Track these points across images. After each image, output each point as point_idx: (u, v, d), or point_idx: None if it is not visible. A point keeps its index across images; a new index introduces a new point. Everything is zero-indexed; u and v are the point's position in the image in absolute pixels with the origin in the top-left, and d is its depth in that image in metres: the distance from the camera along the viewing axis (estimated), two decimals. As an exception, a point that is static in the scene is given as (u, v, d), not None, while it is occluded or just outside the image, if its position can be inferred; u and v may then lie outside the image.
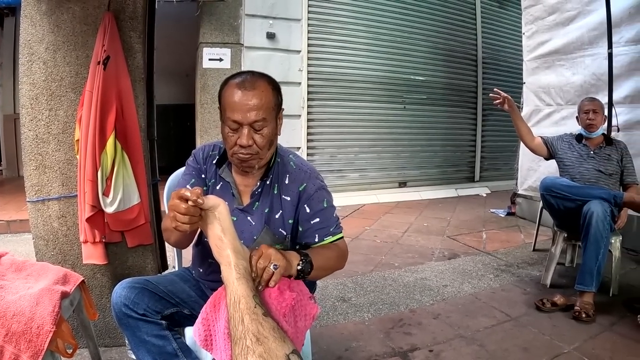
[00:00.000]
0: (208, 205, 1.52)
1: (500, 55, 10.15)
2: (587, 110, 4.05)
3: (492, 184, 9.96)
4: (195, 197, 1.48)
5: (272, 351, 1.17)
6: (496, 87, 4.01)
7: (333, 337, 3.15)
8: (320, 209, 1.97)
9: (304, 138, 7.94)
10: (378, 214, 7.32)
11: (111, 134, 2.58)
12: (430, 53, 9.13)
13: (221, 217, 1.54)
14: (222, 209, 1.55)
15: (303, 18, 7.73)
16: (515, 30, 9.70)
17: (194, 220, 1.52)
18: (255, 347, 1.17)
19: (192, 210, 1.49)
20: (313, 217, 1.96)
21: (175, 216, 1.50)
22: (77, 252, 2.80)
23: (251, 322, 1.24)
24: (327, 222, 1.98)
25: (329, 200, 2.01)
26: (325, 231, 1.97)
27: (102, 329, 2.92)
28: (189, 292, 2.06)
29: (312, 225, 1.96)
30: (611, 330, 3.25)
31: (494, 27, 10.04)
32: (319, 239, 1.96)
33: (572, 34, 5.65)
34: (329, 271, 1.97)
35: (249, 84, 1.79)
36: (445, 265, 4.72)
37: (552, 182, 3.90)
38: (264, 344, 1.18)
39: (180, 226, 1.50)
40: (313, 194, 1.97)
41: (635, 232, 5.03)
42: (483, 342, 3.09)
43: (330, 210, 2.01)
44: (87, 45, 2.70)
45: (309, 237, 1.97)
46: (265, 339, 1.20)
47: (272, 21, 7.41)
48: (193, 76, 7.69)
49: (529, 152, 6.19)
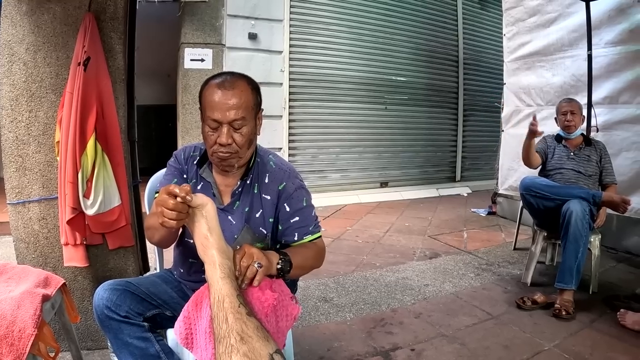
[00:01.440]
0: (196, 203, 1.52)
1: (481, 56, 10.24)
2: (565, 111, 4.10)
3: (473, 183, 10.04)
4: (184, 194, 1.48)
5: (257, 350, 1.18)
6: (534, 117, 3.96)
7: (315, 337, 3.16)
8: (300, 208, 2.00)
9: (286, 139, 7.94)
10: (359, 214, 7.34)
11: (91, 135, 2.55)
12: (411, 54, 9.18)
13: (208, 215, 1.54)
14: (210, 207, 1.55)
15: (285, 19, 7.73)
16: (496, 32, 9.82)
17: (182, 216, 1.51)
18: (240, 345, 1.17)
19: (180, 206, 1.49)
20: (293, 216, 1.98)
21: (162, 212, 1.50)
22: (58, 254, 2.78)
23: (235, 321, 1.24)
24: (307, 221, 2.01)
25: (308, 200, 2.05)
26: (305, 230, 2.00)
27: (84, 332, 2.90)
28: (170, 293, 2.06)
29: (291, 224, 1.98)
30: (591, 327, 3.29)
31: (475, 28, 10.12)
32: (298, 238, 1.98)
33: (553, 36, 5.71)
34: (308, 270, 2.00)
35: (229, 83, 1.82)
36: (426, 264, 4.75)
37: (531, 181, 3.93)
38: (248, 343, 1.19)
39: (167, 222, 1.50)
40: (293, 193, 2.00)
41: (615, 230, 5.11)
42: (464, 340, 3.11)
43: (310, 210, 2.04)
44: (68, 46, 2.68)
45: (288, 236, 1.99)
46: (249, 338, 1.20)
47: (254, 22, 7.41)
48: (174, 77, 7.66)
49: (509, 152, 6.30)
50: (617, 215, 4.35)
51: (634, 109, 4.76)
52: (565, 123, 4.09)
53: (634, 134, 4.72)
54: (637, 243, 4.93)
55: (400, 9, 8.91)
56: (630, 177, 4.70)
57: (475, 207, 7.82)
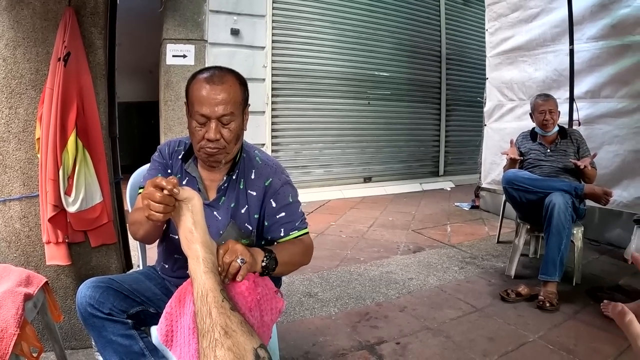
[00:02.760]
0: (183, 196, 1.51)
1: (464, 51, 10.29)
2: (543, 110, 4.10)
3: (456, 178, 10.10)
4: (171, 186, 1.47)
5: (241, 344, 1.17)
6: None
7: (300, 332, 3.15)
8: (286, 204, 1.99)
9: (269, 134, 7.92)
10: (343, 209, 7.35)
11: (72, 131, 2.53)
12: (394, 49, 9.19)
13: (194, 209, 1.53)
14: (196, 202, 1.54)
15: (267, 14, 7.69)
16: (478, 27, 9.83)
17: (168, 210, 1.50)
18: (224, 340, 1.17)
19: (167, 199, 1.48)
20: (279, 212, 1.98)
21: (149, 205, 1.48)
22: (40, 253, 2.75)
23: (219, 316, 1.24)
24: (293, 216, 2.00)
25: (294, 195, 2.04)
26: (291, 225, 1.99)
27: (68, 331, 2.87)
28: (154, 290, 2.04)
29: (277, 219, 1.98)
30: (575, 319, 3.33)
31: (458, 23, 10.16)
32: (284, 234, 1.98)
33: (535, 31, 5.74)
34: (295, 267, 2.00)
35: (217, 78, 1.80)
36: (410, 258, 4.76)
37: (514, 175, 3.95)
38: (232, 337, 1.18)
39: (153, 215, 1.49)
40: (279, 189, 1.99)
41: (597, 223, 5.16)
42: (449, 333, 3.12)
43: (296, 205, 2.03)
44: (48, 42, 2.64)
45: (275, 232, 1.98)
46: (233, 332, 1.20)
47: (236, 17, 7.37)
48: (157, 73, 7.58)
49: (492, 147, 6.35)
50: (600, 207, 4.39)
51: (616, 103, 4.79)
52: (543, 122, 4.11)
53: (616, 127, 4.76)
54: (620, 235, 4.98)
55: (383, 4, 8.91)
56: (612, 170, 4.74)
57: (458, 201, 7.86)
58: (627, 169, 4.68)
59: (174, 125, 6.87)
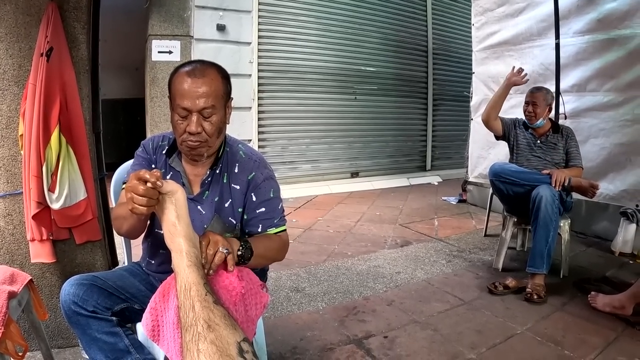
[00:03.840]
0: (166, 189, 1.51)
1: (450, 46, 10.31)
2: (527, 102, 4.14)
3: (443, 172, 10.12)
4: (154, 179, 1.46)
5: (224, 338, 1.17)
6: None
7: (288, 327, 3.15)
8: (267, 199, 1.99)
9: (255, 130, 7.88)
10: (331, 204, 7.34)
11: (55, 127, 2.50)
12: (381, 44, 9.19)
13: (177, 203, 1.52)
14: (180, 195, 1.53)
15: (253, 9, 7.65)
16: (465, 22, 9.87)
17: (152, 203, 1.50)
18: (207, 333, 1.17)
19: (150, 192, 1.48)
20: (259, 207, 1.98)
21: (132, 198, 1.48)
22: (24, 251, 2.71)
23: (202, 309, 1.23)
24: (272, 213, 2.00)
25: (276, 191, 2.04)
26: (269, 222, 1.99)
27: (54, 330, 2.84)
28: (138, 286, 2.03)
29: (257, 214, 1.98)
30: (562, 310, 3.35)
31: (444, 18, 10.18)
32: (262, 230, 1.98)
33: (521, 26, 5.78)
34: (269, 261, 2.02)
35: (199, 71, 1.80)
36: (398, 252, 4.77)
37: (500, 168, 3.96)
38: (215, 331, 1.18)
39: (137, 209, 1.48)
40: (261, 183, 1.99)
41: (584, 215, 5.19)
42: (437, 326, 3.13)
43: (276, 202, 2.03)
44: (30, 37, 2.61)
45: (253, 227, 1.99)
46: (216, 325, 1.19)
47: (222, 13, 7.32)
48: (142, 69, 7.53)
49: (479, 141, 6.36)
50: (586, 200, 4.42)
51: (601, 96, 4.83)
52: (525, 114, 4.14)
53: (601, 121, 4.80)
54: (606, 228, 5.02)
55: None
56: (598, 163, 4.78)
57: (445, 196, 7.88)
58: (613, 161, 4.72)
59: (160, 121, 6.83)
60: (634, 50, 4.51)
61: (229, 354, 1.15)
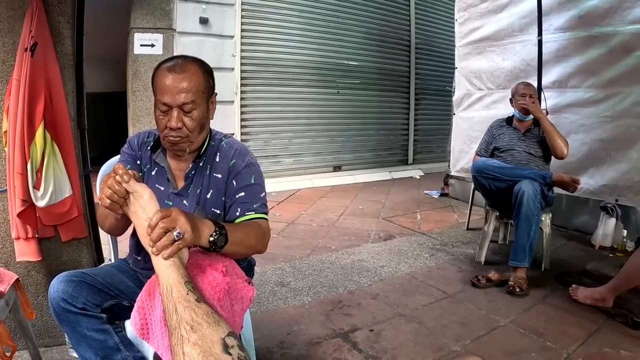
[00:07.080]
0: (132, 187, 1.52)
1: (433, 41, 10.38)
2: (524, 94, 4.16)
3: (425, 166, 10.19)
4: (121, 172, 1.48)
5: (207, 337, 1.18)
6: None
7: (274, 322, 3.16)
8: (247, 184, 1.96)
9: (238, 124, 7.87)
10: (313, 198, 7.36)
11: (40, 124, 2.46)
12: (363, 38, 9.22)
13: (146, 206, 1.53)
14: (147, 197, 1.54)
15: (236, 3, 7.62)
16: (447, 17, 9.95)
17: (116, 198, 1.52)
18: (190, 335, 1.18)
19: (115, 186, 1.50)
20: (238, 192, 1.95)
21: (102, 188, 1.50)
22: (9, 249, 2.68)
23: (184, 310, 1.25)
24: (252, 198, 1.95)
25: (257, 178, 2.00)
26: (248, 206, 1.92)
27: (40, 329, 2.81)
28: (127, 282, 2.02)
29: (236, 199, 1.94)
30: (544, 303, 3.40)
31: (427, 13, 10.24)
32: (240, 213, 1.91)
33: (504, 22, 5.80)
34: (248, 250, 1.86)
35: (179, 67, 1.82)
36: (381, 246, 4.80)
37: (483, 163, 4.00)
38: (197, 331, 1.19)
39: (103, 199, 1.51)
40: (241, 170, 1.98)
41: (565, 209, 5.26)
42: (422, 319, 3.16)
43: (257, 188, 1.99)
44: (14, 31, 2.56)
45: (232, 211, 1.93)
46: (199, 325, 1.21)
47: (205, 6, 7.28)
48: (124, 63, 7.46)
49: (461, 135, 6.43)
50: (567, 194, 4.48)
51: (582, 92, 4.88)
52: (522, 106, 4.16)
53: (582, 116, 4.85)
54: (586, 221, 5.09)
55: (353, -7, 8.91)
56: (579, 158, 4.83)
57: (428, 189, 7.94)
58: (594, 157, 4.78)
59: (142, 115, 6.77)
60: (614, 47, 4.56)
61: (212, 353, 1.16)
